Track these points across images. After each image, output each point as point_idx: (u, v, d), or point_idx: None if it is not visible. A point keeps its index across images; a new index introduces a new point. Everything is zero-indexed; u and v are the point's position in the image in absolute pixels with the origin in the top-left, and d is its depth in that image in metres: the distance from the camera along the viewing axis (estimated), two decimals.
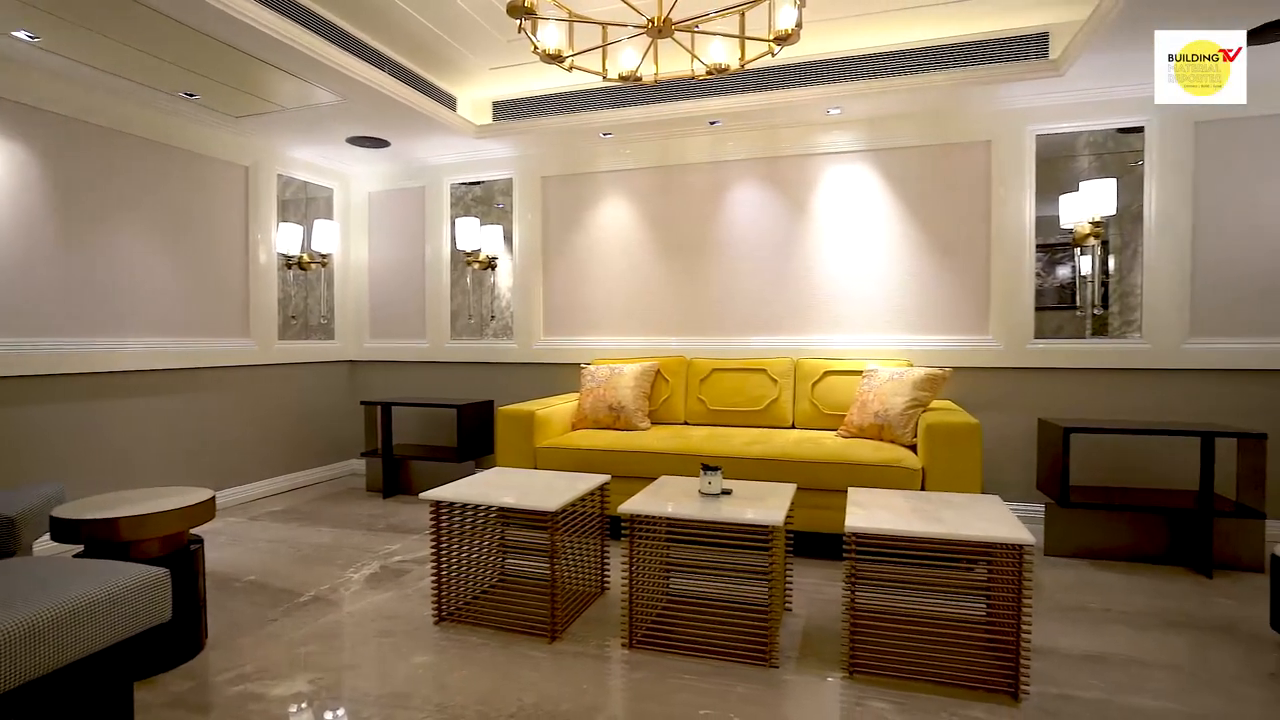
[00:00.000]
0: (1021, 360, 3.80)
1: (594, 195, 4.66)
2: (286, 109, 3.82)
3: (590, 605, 2.71)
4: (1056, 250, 3.91)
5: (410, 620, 2.57)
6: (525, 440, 3.62)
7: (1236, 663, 2.24)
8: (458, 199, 5.04)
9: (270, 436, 4.57)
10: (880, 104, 3.80)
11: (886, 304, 4.04)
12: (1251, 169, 3.49)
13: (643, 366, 4.05)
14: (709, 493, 2.47)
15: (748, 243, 4.31)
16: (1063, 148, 3.84)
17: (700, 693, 2.04)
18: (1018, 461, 3.77)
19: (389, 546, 3.48)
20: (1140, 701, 2.00)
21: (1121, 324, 3.76)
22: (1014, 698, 2.00)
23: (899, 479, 3.00)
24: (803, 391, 3.88)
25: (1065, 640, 2.39)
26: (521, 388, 4.75)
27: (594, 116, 4.19)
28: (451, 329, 5.02)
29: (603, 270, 4.64)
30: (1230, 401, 3.52)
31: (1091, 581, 2.96)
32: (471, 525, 2.70)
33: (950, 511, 2.24)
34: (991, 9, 3.43)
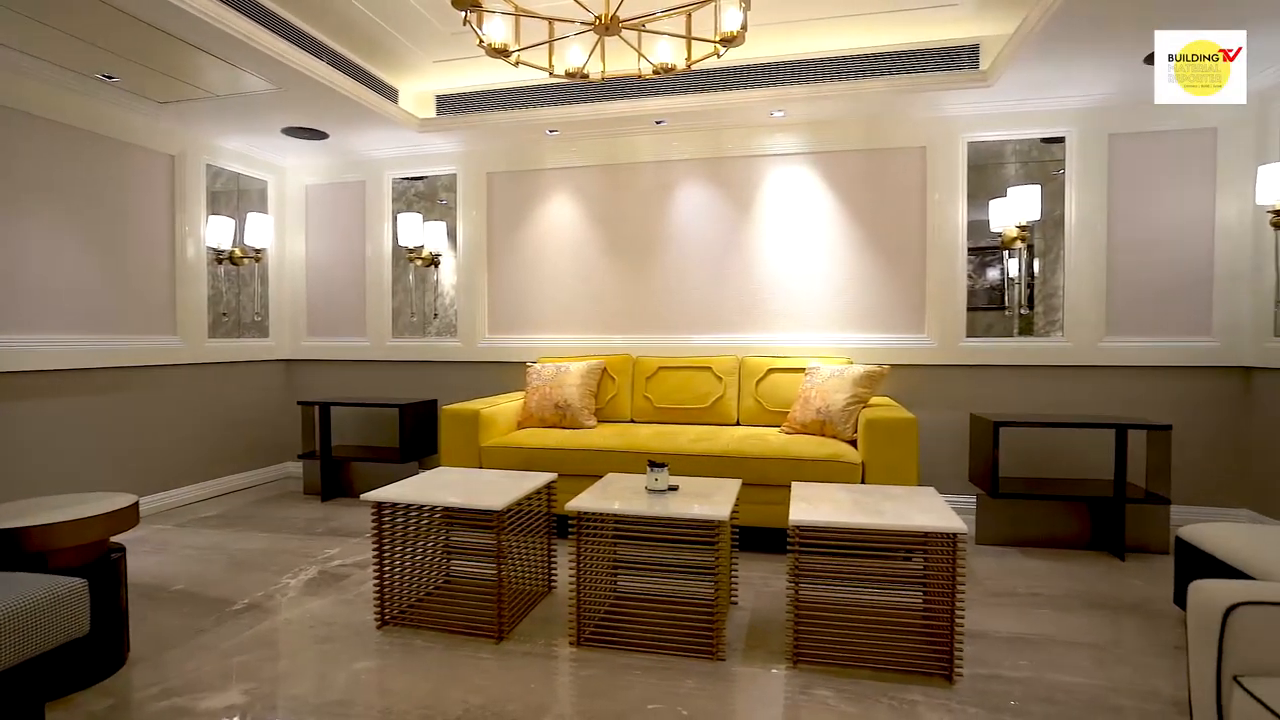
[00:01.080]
0: (955, 358, 3.96)
1: (540, 192, 4.62)
2: (216, 96, 3.65)
3: (537, 605, 2.69)
4: (987, 253, 4.08)
5: (351, 625, 2.50)
6: (470, 440, 3.57)
7: (1146, 638, 2.40)
8: (400, 194, 4.92)
9: (200, 439, 4.36)
10: (822, 108, 3.90)
11: (828, 303, 4.15)
12: (1158, 180, 3.74)
13: (589, 365, 4.04)
14: (656, 489, 2.49)
15: (693, 242, 4.35)
16: (992, 155, 4.02)
17: (648, 687, 2.06)
18: (951, 454, 3.93)
19: (328, 550, 3.37)
20: (1063, 678, 2.12)
21: (1046, 323, 3.97)
22: (948, 679, 2.08)
23: (840, 473, 3.08)
24: (747, 389, 3.95)
25: (996, 624, 2.51)
26: (466, 387, 4.67)
27: (540, 113, 4.15)
28: (393, 327, 4.90)
29: (549, 268, 4.61)
30: (1141, 396, 3.76)
31: (1020, 568, 3.11)
32: (415, 527, 2.64)
33: (889, 504, 2.32)
34: (927, 20, 3.56)
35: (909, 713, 1.92)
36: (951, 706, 1.95)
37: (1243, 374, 3.67)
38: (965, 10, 3.46)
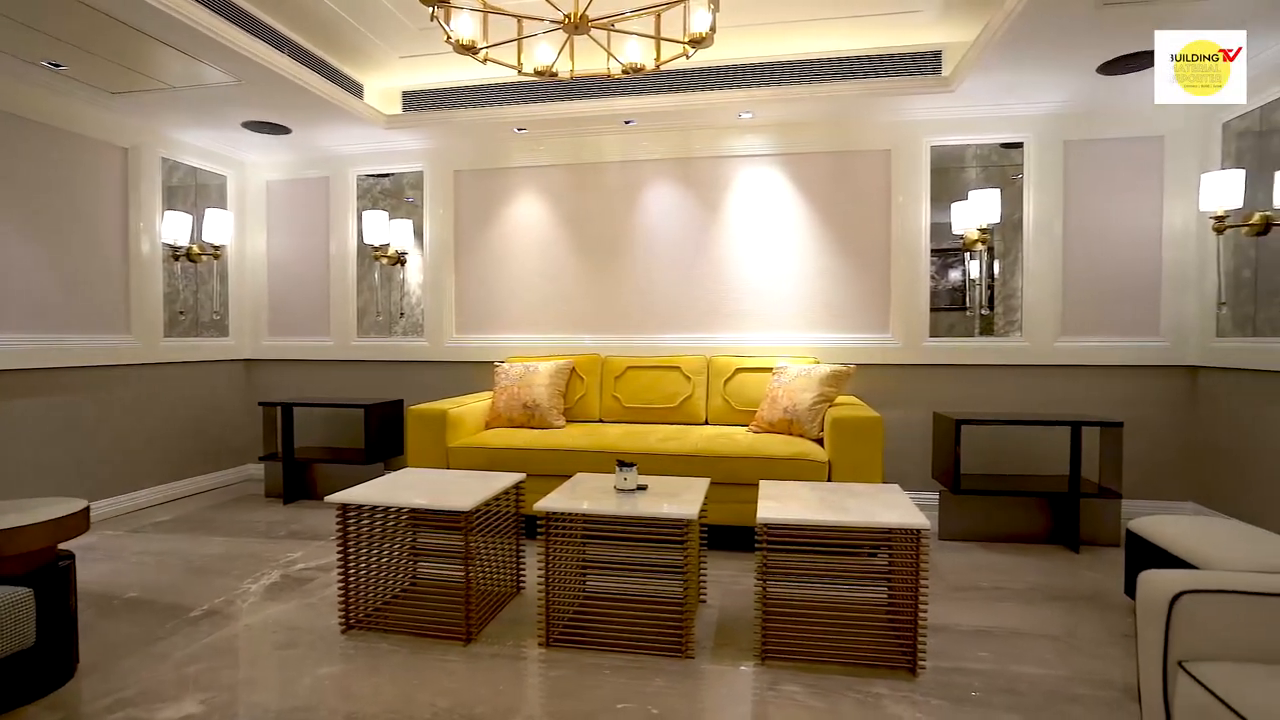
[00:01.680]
0: (918, 357, 4.04)
1: (508, 191, 4.59)
2: (173, 88, 3.54)
3: (506, 606, 2.67)
4: (949, 255, 4.18)
5: (315, 630, 2.45)
6: (437, 440, 3.52)
7: (1100, 627, 2.48)
8: (365, 191, 4.84)
9: (156, 441, 4.23)
10: (789, 110, 3.95)
11: (795, 303, 4.20)
12: (1110, 186, 3.87)
13: (558, 364, 4.03)
14: (625, 489, 2.49)
15: (662, 242, 4.37)
16: (954, 159, 4.11)
17: (618, 687, 2.06)
18: (915, 452, 4.01)
19: (291, 554, 3.30)
20: (1023, 669, 2.17)
21: (1005, 324, 4.07)
22: (912, 672, 2.12)
23: (807, 471, 3.12)
24: (715, 388, 3.98)
25: (958, 617, 2.57)
26: (433, 387, 4.61)
27: (508, 111, 4.12)
28: (358, 326, 4.81)
29: (517, 267, 4.58)
30: (1095, 394, 3.89)
31: (981, 562, 3.19)
32: (381, 529, 2.60)
33: (855, 501, 2.36)
34: (892, 25, 3.63)
35: (874, 706, 1.95)
36: (915, 699, 1.99)
37: (1189, 373, 3.81)
38: (929, 17, 3.53)
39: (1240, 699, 1.14)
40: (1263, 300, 3.33)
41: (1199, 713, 1.21)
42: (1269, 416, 3.26)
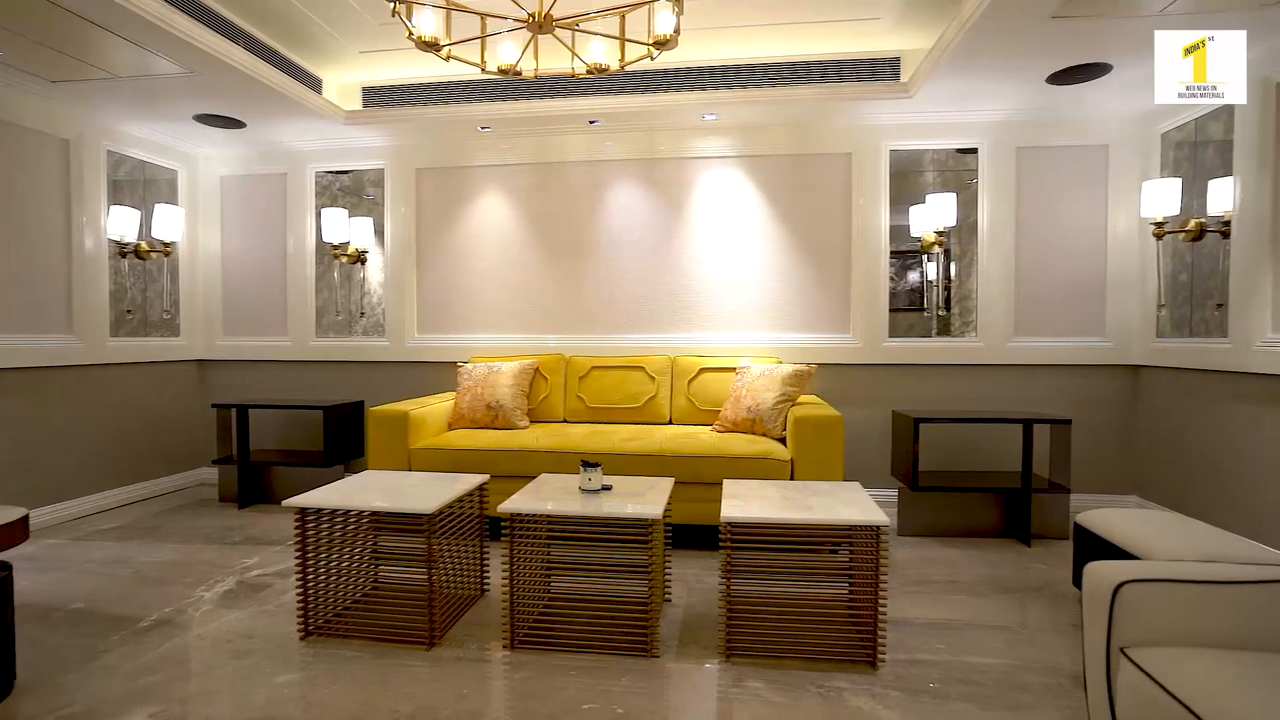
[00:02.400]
0: (878, 357, 4.13)
1: (471, 189, 4.54)
2: (119, 77, 3.41)
3: (470, 609, 2.64)
4: (907, 257, 4.28)
5: (272, 638, 2.39)
6: (399, 442, 3.47)
7: (1049, 617, 2.57)
8: (324, 188, 4.73)
9: (102, 445, 4.07)
10: (752, 113, 3.99)
11: (758, 304, 4.25)
12: (1059, 191, 4.01)
13: (521, 365, 4.00)
14: (589, 489, 2.49)
15: (626, 242, 4.37)
16: (912, 163, 4.21)
17: (583, 688, 2.06)
18: (875, 450, 4.10)
19: (246, 560, 3.21)
20: (977, 659, 2.24)
21: (961, 324, 4.19)
22: (872, 665, 2.17)
23: (770, 470, 3.16)
24: (679, 388, 4.00)
25: (916, 611, 2.63)
26: (394, 387, 4.54)
27: (471, 109, 4.08)
28: (317, 326, 4.71)
29: (480, 266, 4.53)
30: (1045, 392, 4.03)
31: (938, 557, 3.28)
32: (341, 532, 2.55)
33: (817, 499, 2.40)
34: (851, 32, 3.70)
35: (835, 700, 1.99)
36: (875, 691, 2.04)
37: (1132, 372, 3.98)
38: (887, 24, 3.61)
39: (1174, 681, 1.19)
40: (1198, 302, 3.50)
41: (1138, 695, 1.27)
42: (1203, 413, 3.42)
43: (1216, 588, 1.35)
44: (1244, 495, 3.15)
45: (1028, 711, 1.94)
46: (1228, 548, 2.08)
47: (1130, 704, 1.30)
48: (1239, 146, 3.14)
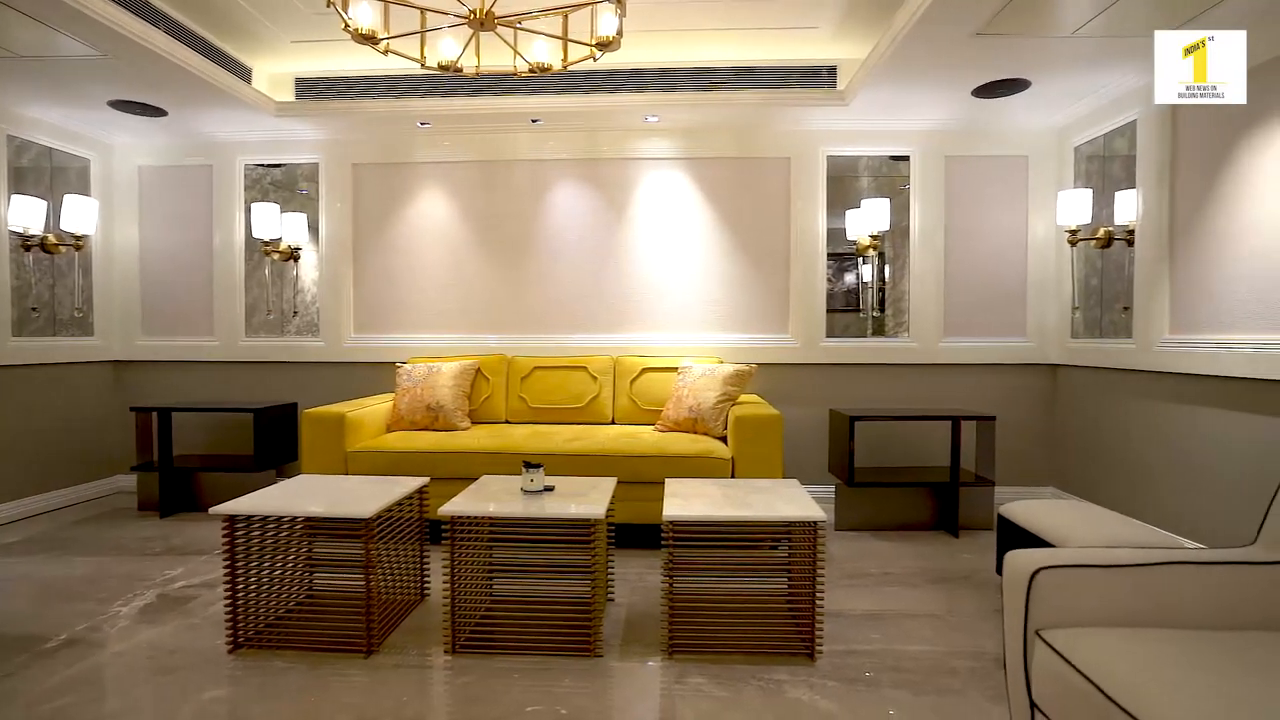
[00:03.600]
0: (815, 357, 4.25)
1: (411, 186, 4.44)
2: (19, 56, 3.18)
3: (410, 614, 2.59)
4: (844, 259, 4.41)
5: (198, 652, 2.28)
6: (335, 445, 3.37)
7: (975, 605, 2.70)
8: (254, 181, 4.54)
9: (3, 452, 3.79)
10: (694, 116, 4.04)
11: (699, 305, 4.31)
12: (984, 199, 4.21)
13: (462, 365, 3.94)
14: (531, 490, 2.47)
15: (569, 242, 4.36)
16: (848, 168, 4.34)
17: (526, 690, 2.05)
18: (813, 447, 4.21)
19: (169, 572, 3.05)
20: (909, 647, 2.34)
21: (895, 325, 4.35)
22: (810, 657, 2.24)
23: (712, 468, 3.21)
24: (622, 388, 4.02)
25: (852, 603, 2.72)
26: (330, 389, 4.40)
27: (411, 104, 3.99)
28: (247, 325, 4.51)
29: (420, 265, 4.44)
30: (972, 390, 4.22)
31: (873, 550, 3.39)
32: (274, 540, 2.46)
33: (757, 496, 2.45)
34: (790, 39, 3.79)
35: (775, 691, 2.04)
36: (813, 682, 2.10)
37: (1049, 370, 4.21)
38: (825, 34, 3.72)
39: (1080, 657, 1.28)
40: (1107, 305, 3.74)
41: (1050, 673, 1.35)
42: (1112, 409, 3.65)
43: (1120, 571, 1.45)
44: (1147, 485, 3.39)
45: (955, 695, 2.03)
46: (1132, 534, 2.23)
47: (1044, 682, 1.38)
48: (1141, 162, 3.37)
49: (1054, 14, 2.73)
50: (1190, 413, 3.12)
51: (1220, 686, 1.14)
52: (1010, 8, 2.66)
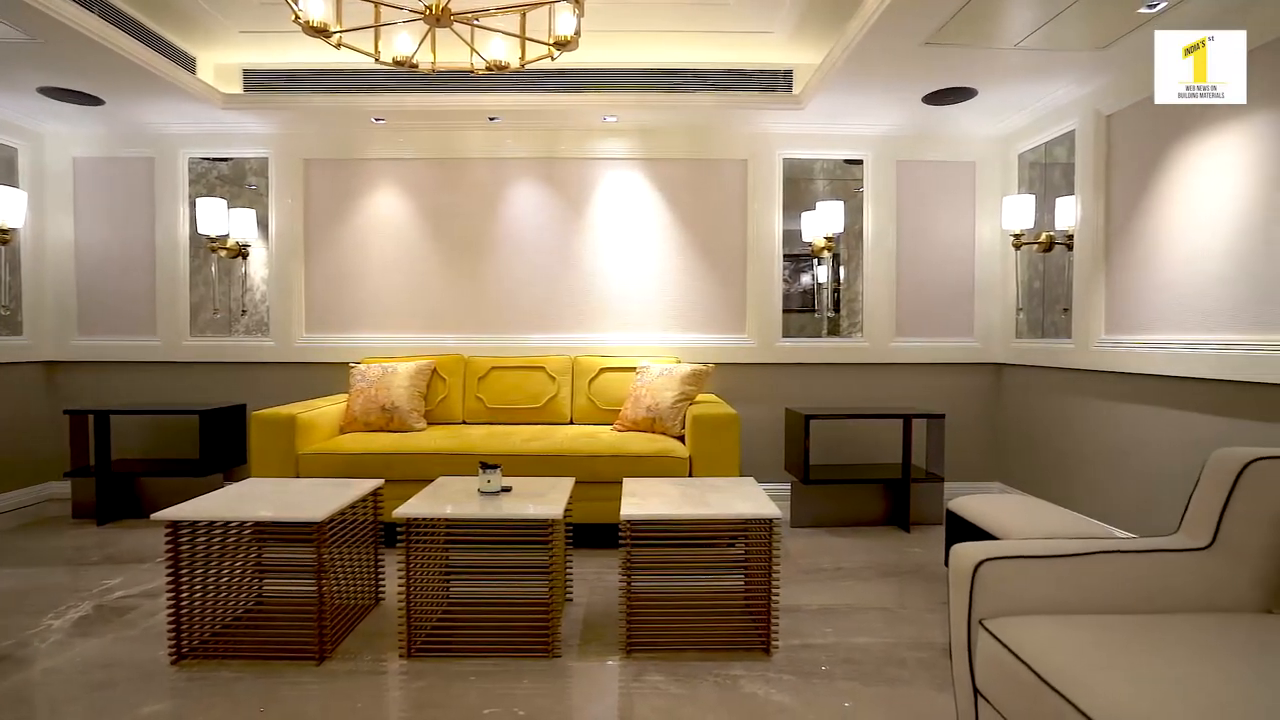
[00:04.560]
0: (772, 356, 4.31)
1: (365, 183, 4.35)
2: None
3: (364, 619, 2.55)
4: (800, 260, 4.49)
5: (138, 665, 2.20)
6: (286, 447, 3.28)
7: (925, 598, 2.79)
8: (199, 175, 4.38)
9: None
10: (652, 116, 4.06)
11: (658, 305, 4.33)
12: (934, 203, 4.33)
13: (418, 365, 3.89)
14: (488, 491, 2.46)
15: (527, 241, 4.34)
16: (804, 171, 4.42)
17: (484, 692, 2.03)
18: (769, 446, 4.28)
19: (107, 582, 2.93)
20: (861, 640, 2.40)
21: (849, 325, 4.44)
22: (766, 652, 2.28)
23: (670, 468, 3.24)
24: (580, 388, 4.01)
25: (806, 598, 2.78)
26: (281, 390, 4.28)
27: (365, 99, 3.91)
28: (192, 325, 4.36)
29: (375, 263, 4.35)
30: (923, 389, 4.35)
31: (828, 546, 3.47)
32: (220, 546, 2.38)
33: (714, 495, 2.48)
34: (747, 43, 3.84)
35: (731, 687, 2.07)
36: (769, 676, 2.14)
37: (995, 369, 4.37)
38: (780, 38, 3.78)
39: (1019, 644, 1.34)
40: (1048, 307, 3.89)
41: (992, 660, 1.41)
42: (1053, 406, 3.81)
43: (1056, 561, 1.52)
44: (1086, 478, 3.54)
45: (904, 685, 2.10)
46: (1070, 526, 2.33)
47: (986, 669, 1.44)
48: (1079, 170, 3.52)
49: (997, 27, 2.83)
50: (1124, 410, 3.27)
51: (1142, 666, 1.21)
52: (957, 19, 2.75)
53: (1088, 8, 2.65)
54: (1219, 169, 2.76)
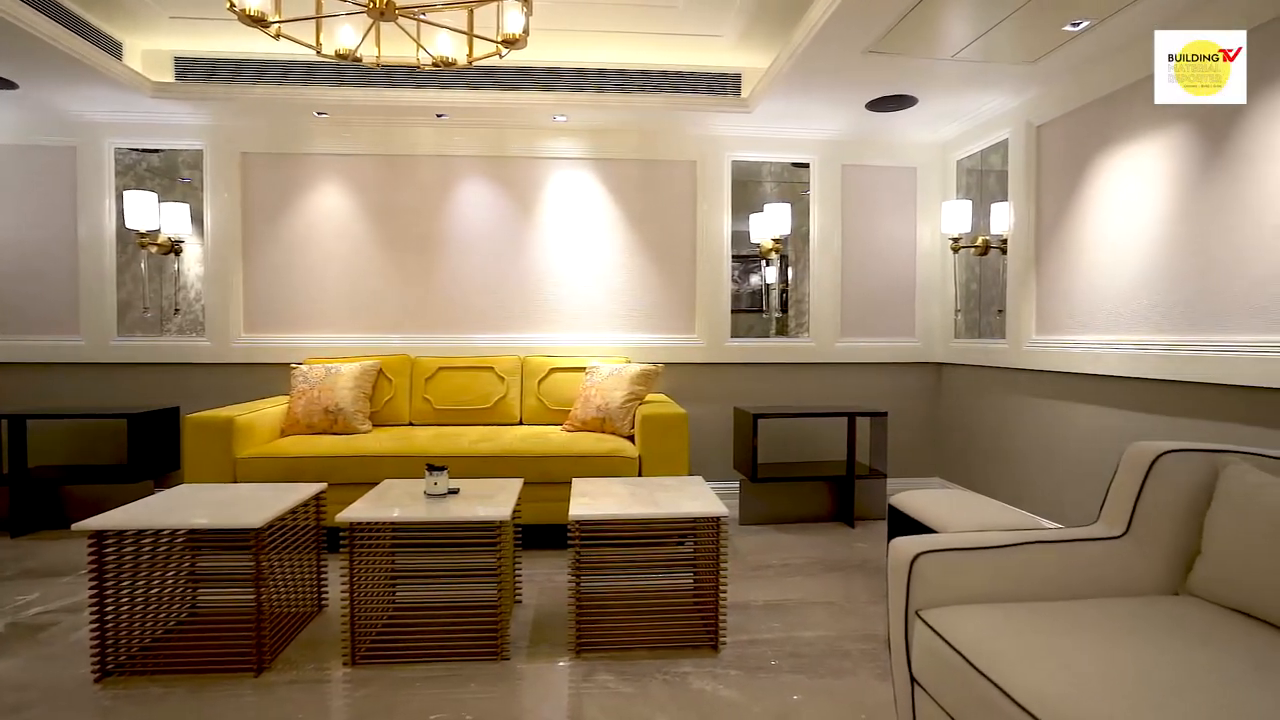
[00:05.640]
0: (721, 356, 4.37)
1: (307, 178, 4.22)
2: None
3: (306, 627, 2.47)
4: (749, 261, 4.56)
5: (57, 685, 2.09)
6: (223, 451, 3.16)
7: (868, 591, 2.87)
8: (127, 167, 4.18)
9: None
10: (602, 117, 4.06)
11: (608, 305, 4.34)
12: (877, 206, 4.46)
13: (363, 366, 3.79)
14: (435, 493, 2.42)
15: (476, 240, 4.28)
16: (753, 173, 4.49)
17: (431, 698, 2.00)
18: (718, 444, 4.33)
19: (22, 597, 2.77)
20: (807, 634, 2.45)
21: (796, 325, 4.53)
22: (714, 649, 2.31)
23: (619, 467, 3.25)
24: (530, 388, 3.99)
25: (755, 594, 2.82)
26: (218, 392, 4.11)
27: (307, 92, 3.79)
28: (119, 324, 4.15)
29: (318, 261, 4.23)
30: (867, 388, 4.47)
31: (775, 543, 3.53)
32: (150, 556, 2.28)
33: (663, 494, 2.50)
34: (696, 46, 3.88)
35: (680, 684, 2.10)
36: (717, 672, 2.17)
37: (935, 368, 4.52)
38: (729, 42, 3.83)
39: (952, 632, 1.40)
40: (984, 308, 4.05)
41: (927, 649, 1.47)
42: (989, 404, 3.97)
43: (987, 552, 1.58)
44: (1019, 472, 3.70)
45: (847, 676, 2.16)
46: (1003, 518, 2.43)
47: (922, 657, 1.49)
48: (1012, 177, 3.68)
49: (936, 38, 2.93)
50: (1053, 407, 3.44)
51: (1063, 649, 1.28)
52: (898, 29, 2.83)
53: (1018, 23, 2.77)
54: (1138, 179, 2.92)
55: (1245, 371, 2.41)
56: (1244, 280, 2.46)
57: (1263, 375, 2.35)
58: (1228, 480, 1.55)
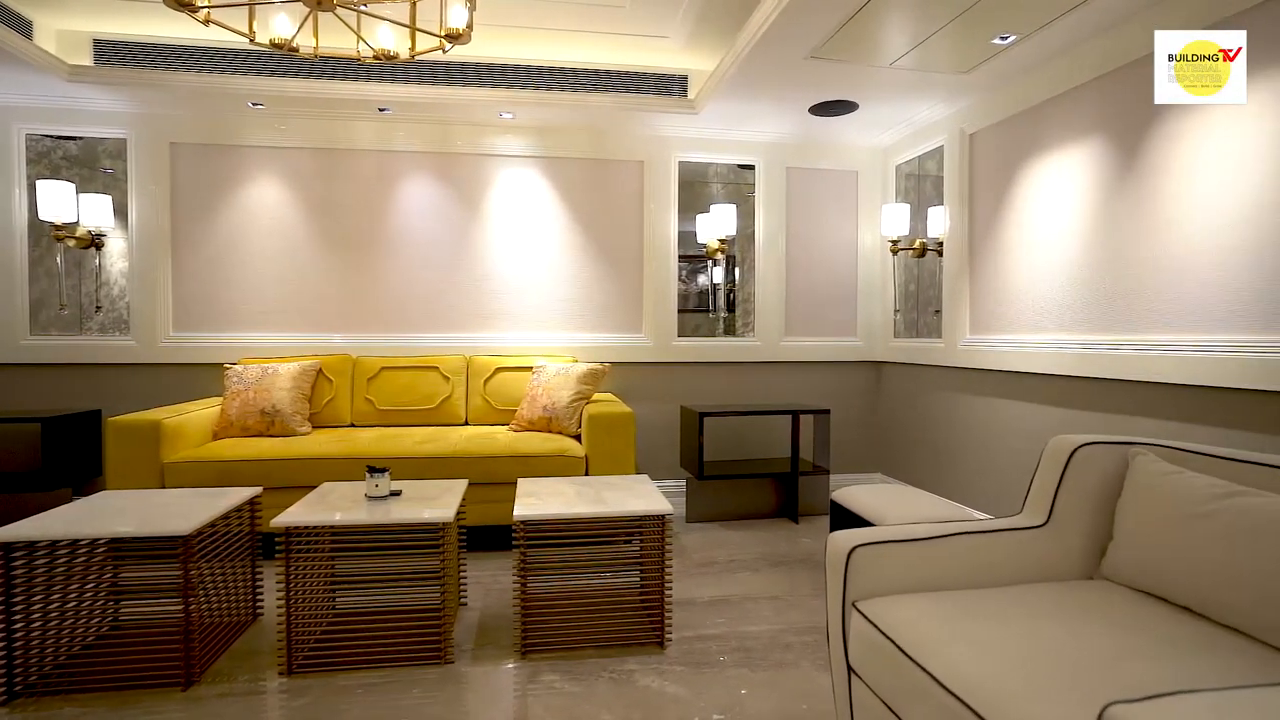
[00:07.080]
0: (668, 355, 4.40)
1: (241, 171, 4.06)
2: None
3: (239, 637, 2.38)
4: (695, 261, 4.60)
5: None
6: (149, 455, 3.01)
7: (811, 585, 2.94)
8: (41, 155, 3.94)
9: None
10: (549, 114, 4.04)
11: (554, 304, 4.32)
12: (820, 208, 4.57)
13: (302, 366, 3.68)
14: (376, 496, 2.37)
15: (420, 238, 4.20)
16: (699, 174, 4.54)
17: (372, 705, 1.96)
18: (666, 443, 4.36)
19: None
20: (751, 628, 2.50)
21: (742, 325, 4.60)
22: (660, 646, 2.33)
23: (566, 467, 3.24)
24: (475, 388, 3.94)
25: (700, 590, 2.86)
26: (144, 394, 3.92)
27: (241, 82, 3.65)
28: (31, 322, 3.91)
29: (253, 257, 4.07)
30: (811, 386, 4.57)
31: (721, 540, 3.58)
32: (66, 567, 2.16)
33: (610, 493, 2.51)
34: (643, 47, 3.90)
35: (626, 681, 2.11)
36: (662, 669, 2.18)
37: (875, 367, 4.66)
38: (676, 44, 3.86)
39: (884, 621, 1.45)
40: (922, 309, 4.20)
41: (863, 637, 1.52)
42: (926, 401, 4.12)
43: (919, 544, 1.65)
44: (954, 467, 3.85)
45: (790, 667, 2.21)
46: (937, 511, 2.53)
47: (858, 646, 1.54)
48: (947, 182, 3.83)
49: (875, 45, 3.02)
50: (986, 403, 3.59)
51: (987, 632, 1.34)
52: (838, 36, 2.91)
53: (951, 35, 2.88)
54: (1062, 186, 3.08)
55: (1161, 368, 2.57)
56: (1155, 282, 2.63)
57: (1175, 371, 2.51)
58: (1136, 470, 1.65)
